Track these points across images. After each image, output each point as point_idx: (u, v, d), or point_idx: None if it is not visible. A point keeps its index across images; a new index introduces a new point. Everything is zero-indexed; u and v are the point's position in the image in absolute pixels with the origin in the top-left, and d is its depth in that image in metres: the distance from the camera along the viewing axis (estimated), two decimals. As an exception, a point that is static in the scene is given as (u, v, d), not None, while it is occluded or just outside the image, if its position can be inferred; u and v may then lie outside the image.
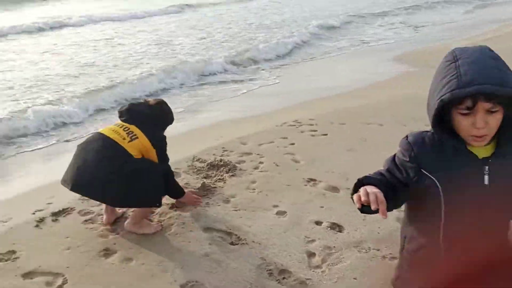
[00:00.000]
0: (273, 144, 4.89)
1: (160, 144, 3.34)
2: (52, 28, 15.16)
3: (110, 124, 3.42)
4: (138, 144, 3.21)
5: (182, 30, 14.48)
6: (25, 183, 4.70)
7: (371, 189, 1.70)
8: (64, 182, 3.18)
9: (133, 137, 3.21)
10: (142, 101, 3.64)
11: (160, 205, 3.31)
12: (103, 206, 3.59)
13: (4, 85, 8.24)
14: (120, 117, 3.40)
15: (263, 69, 9.36)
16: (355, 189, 1.84)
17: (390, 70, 8.88)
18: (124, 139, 3.19)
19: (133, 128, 3.26)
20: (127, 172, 3.09)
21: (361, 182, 1.85)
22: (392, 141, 4.68)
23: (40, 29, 14.86)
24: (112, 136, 3.19)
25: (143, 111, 3.42)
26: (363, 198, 1.67)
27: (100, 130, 3.34)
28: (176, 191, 3.51)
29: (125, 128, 3.26)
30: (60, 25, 15.63)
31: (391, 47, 11.53)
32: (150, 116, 3.40)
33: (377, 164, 4.19)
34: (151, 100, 3.61)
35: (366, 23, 15.42)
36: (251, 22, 15.45)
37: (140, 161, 3.21)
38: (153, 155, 3.27)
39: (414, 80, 7.81)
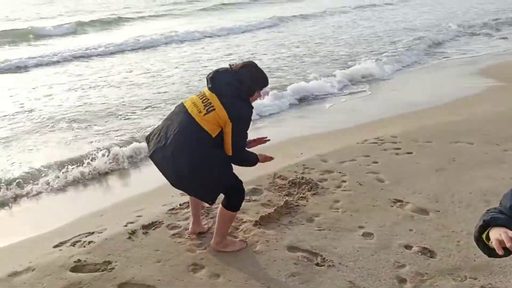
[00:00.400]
0: (355, 162, 4.79)
1: (237, 118, 3.03)
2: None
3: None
4: (214, 117, 3.01)
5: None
6: (115, 194, 4.95)
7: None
8: (151, 157, 3.20)
9: (209, 109, 3.02)
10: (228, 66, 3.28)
11: (213, 202, 3.22)
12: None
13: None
14: (206, 85, 3.20)
15: (346, 84, 9.20)
16: (481, 230, 1.69)
17: (476, 84, 8.42)
18: (200, 112, 3.03)
19: (212, 98, 3.06)
20: (194, 159, 3.00)
21: (488, 223, 1.69)
22: (484, 162, 4.49)
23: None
24: (190, 109, 3.08)
25: (224, 78, 3.13)
26: (509, 244, 1.50)
27: (184, 101, 3.24)
28: (251, 163, 3.30)
29: (204, 99, 3.08)
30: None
31: (474, 59, 10.96)
32: (231, 84, 3.10)
33: (468, 186, 4.03)
34: (237, 64, 3.27)
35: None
36: (333, 36, 15.32)
37: (211, 151, 3.05)
38: (229, 130, 3.04)
39: (503, 96, 7.37)
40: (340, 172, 4.57)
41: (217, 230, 3.35)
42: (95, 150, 5.68)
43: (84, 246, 3.45)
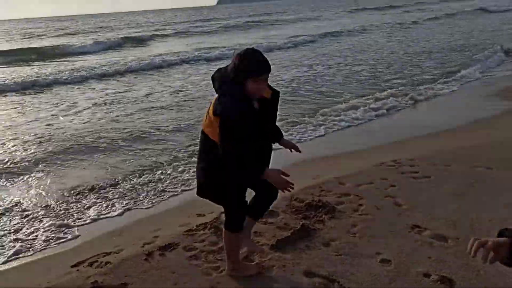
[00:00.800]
0: (373, 186, 4.76)
1: (220, 113, 2.68)
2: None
3: None
4: (209, 119, 2.80)
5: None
6: (130, 214, 4.98)
7: None
8: None
9: (208, 111, 2.84)
10: None
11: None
12: (206, 242, 3.71)
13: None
14: None
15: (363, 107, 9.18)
16: None
17: (494, 106, 8.35)
18: (205, 119, 2.88)
19: (213, 100, 2.84)
20: (204, 167, 2.95)
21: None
22: (504, 188, 4.42)
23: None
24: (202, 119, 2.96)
25: (217, 74, 2.84)
26: (472, 253, 1.54)
27: None
28: (248, 175, 2.87)
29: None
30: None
31: (491, 80, 10.88)
32: (218, 78, 2.81)
33: (488, 213, 3.96)
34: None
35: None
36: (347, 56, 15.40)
37: (218, 156, 2.79)
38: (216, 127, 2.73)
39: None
40: (357, 195, 4.54)
41: (226, 255, 3.32)
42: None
43: (101, 267, 3.47)
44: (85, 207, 5.06)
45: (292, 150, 3.33)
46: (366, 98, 9.35)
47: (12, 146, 7.37)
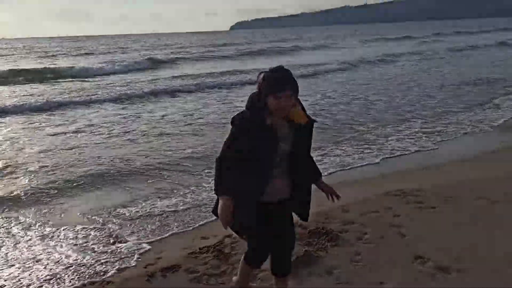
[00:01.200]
0: (377, 215, 4.77)
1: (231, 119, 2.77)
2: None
3: None
4: None
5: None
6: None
7: None
8: None
9: None
10: None
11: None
12: (208, 265, 3.74)
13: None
14: None
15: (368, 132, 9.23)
16: None
17: (498, 140, 8.34)
18: None
19: None
20: None
21: None
22: (506, 222, 4.40)
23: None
24: None
25: (250, 93, 2.86)
26: None
27: None
28: (215, 185, 2.79)
29: None
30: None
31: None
32: (250, 95, 2.81)
33: (491, 247, 3.94)
34: None
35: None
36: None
37: None
38: None
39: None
40: (361, 224, 4.54)
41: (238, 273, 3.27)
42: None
43: (103, 287, 3.50)
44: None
45: (329, 196, 3.01)
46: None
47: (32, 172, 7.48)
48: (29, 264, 4.13)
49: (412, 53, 27.55)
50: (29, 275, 3.92)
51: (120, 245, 4.48)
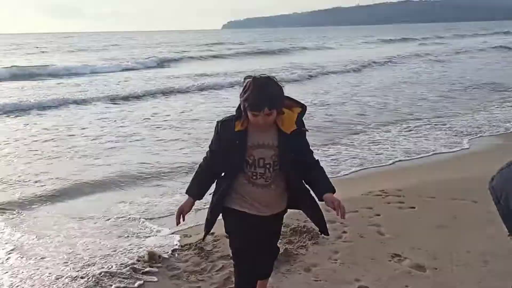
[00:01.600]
0: (358, 214, 4.85)
1: None
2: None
3: None
4: None
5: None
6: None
7: None
8: None
9: None
10: None
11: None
12: (189, 262, 3.79)
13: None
14: None
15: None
16: None
17: (484, 140, 8.47)
18: None
19: None
20: None
21: None
22: (486, 221, 4.50)
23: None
24: None
25: None
26: None
27: None
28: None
29: None
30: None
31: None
32: None
33: (467, 245, 4.04)
34: None
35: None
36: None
37: None
38: None
39: (513, 154, 7.38)
40: (342, 223, 4.60)
41: None
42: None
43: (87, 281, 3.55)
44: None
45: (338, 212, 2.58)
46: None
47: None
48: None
49: (418, 55, 26.90)
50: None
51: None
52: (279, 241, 4.13)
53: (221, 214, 2.80)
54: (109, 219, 5.11)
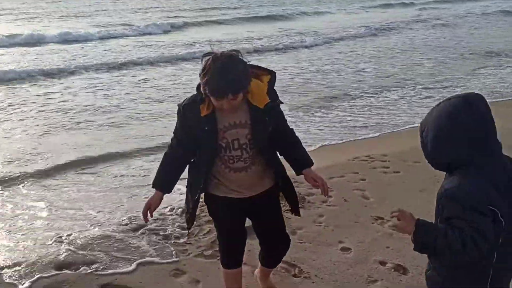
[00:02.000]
0: (344, 179, 4.93)
1: None
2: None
3: None
4: None
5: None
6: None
7: None
8: None
9: None
10: None
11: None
12: (176, 225, 3.88)
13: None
14: None
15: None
16: None
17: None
18: None
19: None
20: None
21: None
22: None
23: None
24: None
25: None
26: None
27: None
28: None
29: None
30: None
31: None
32: None
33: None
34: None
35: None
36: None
37: None
38: None
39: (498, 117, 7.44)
40: (328, 188, 4.69)
41: None
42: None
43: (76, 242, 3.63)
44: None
45: (321, 190, 2.72)
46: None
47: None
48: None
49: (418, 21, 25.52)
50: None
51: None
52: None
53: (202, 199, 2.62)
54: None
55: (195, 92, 2.38)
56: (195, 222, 2.88)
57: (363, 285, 3.15)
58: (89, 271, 3.31)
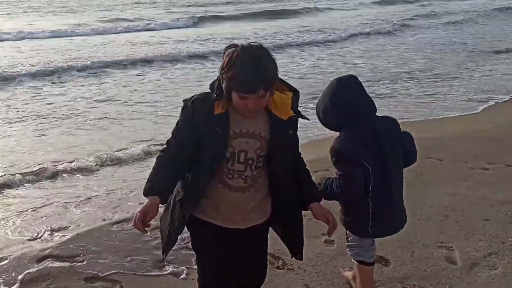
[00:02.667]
0: (328, 172, 4.94)
1: None
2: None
3: None
4: None
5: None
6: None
7: None
8: None
9: None
10: None
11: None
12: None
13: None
14: None
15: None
16: None
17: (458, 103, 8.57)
18: None
19: None
20: None
21: None
22: (450, 178, 4.67)
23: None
24: None
25: None
26: None
27: None
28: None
29: None
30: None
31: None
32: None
33: (431, 201, 4.22)
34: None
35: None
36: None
37: None
38: None
39: (480, 114, 7.55)
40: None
41: None
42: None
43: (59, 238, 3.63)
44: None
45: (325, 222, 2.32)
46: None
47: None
48: None
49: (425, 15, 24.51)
50: None
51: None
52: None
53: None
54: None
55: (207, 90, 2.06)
56: None
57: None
58: (74, 264, 3.32)
